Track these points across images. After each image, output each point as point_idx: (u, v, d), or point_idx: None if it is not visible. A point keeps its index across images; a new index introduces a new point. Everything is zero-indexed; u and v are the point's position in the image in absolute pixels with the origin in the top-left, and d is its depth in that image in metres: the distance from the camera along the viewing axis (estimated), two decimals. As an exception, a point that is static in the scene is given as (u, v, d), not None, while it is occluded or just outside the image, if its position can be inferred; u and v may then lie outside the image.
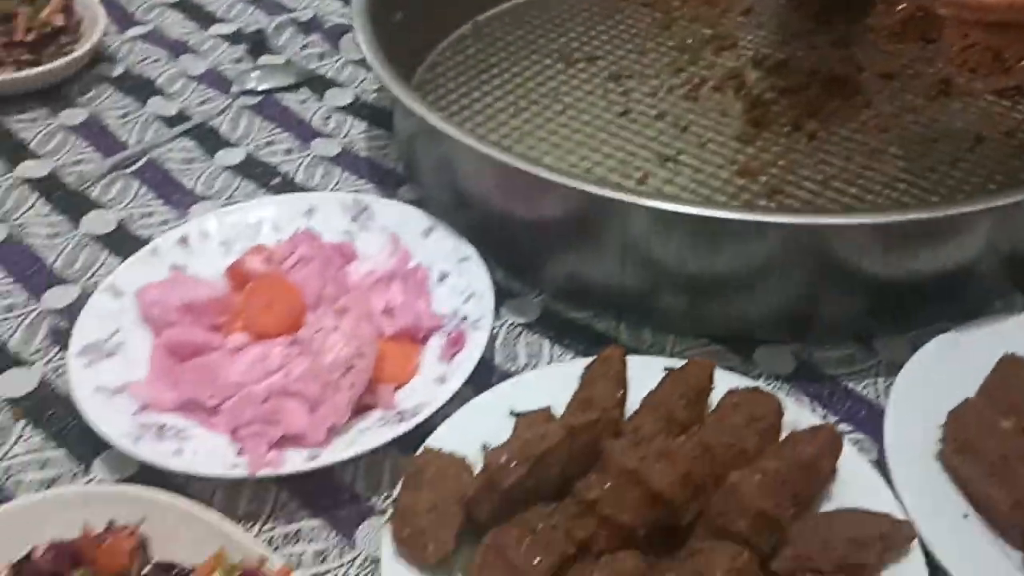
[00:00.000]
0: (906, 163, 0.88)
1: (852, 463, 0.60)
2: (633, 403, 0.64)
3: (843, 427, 0.67)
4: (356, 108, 0.99)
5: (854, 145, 0.90)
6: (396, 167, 0.91)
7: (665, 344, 0.73)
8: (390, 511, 0.57)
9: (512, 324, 0.75)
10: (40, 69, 0.97)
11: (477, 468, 0.58)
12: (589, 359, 0.66)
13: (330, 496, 0.63)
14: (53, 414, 0.68)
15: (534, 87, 1.00)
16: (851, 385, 0.70)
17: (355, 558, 0.60)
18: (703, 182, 0.86)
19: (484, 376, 0.69)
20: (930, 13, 1.03)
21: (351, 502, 0.63)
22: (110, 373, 0.66)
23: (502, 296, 0.77)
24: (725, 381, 0.65)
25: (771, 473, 0.54)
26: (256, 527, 0.61)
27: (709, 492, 0.54)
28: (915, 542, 0.55)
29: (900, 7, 1.06)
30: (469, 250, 0.75)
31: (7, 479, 0.64)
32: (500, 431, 0.61)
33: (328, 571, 0.59)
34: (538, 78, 1.01)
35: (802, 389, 0.69)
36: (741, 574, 0.50)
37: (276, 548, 0.60)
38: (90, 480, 0.63)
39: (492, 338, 0.73)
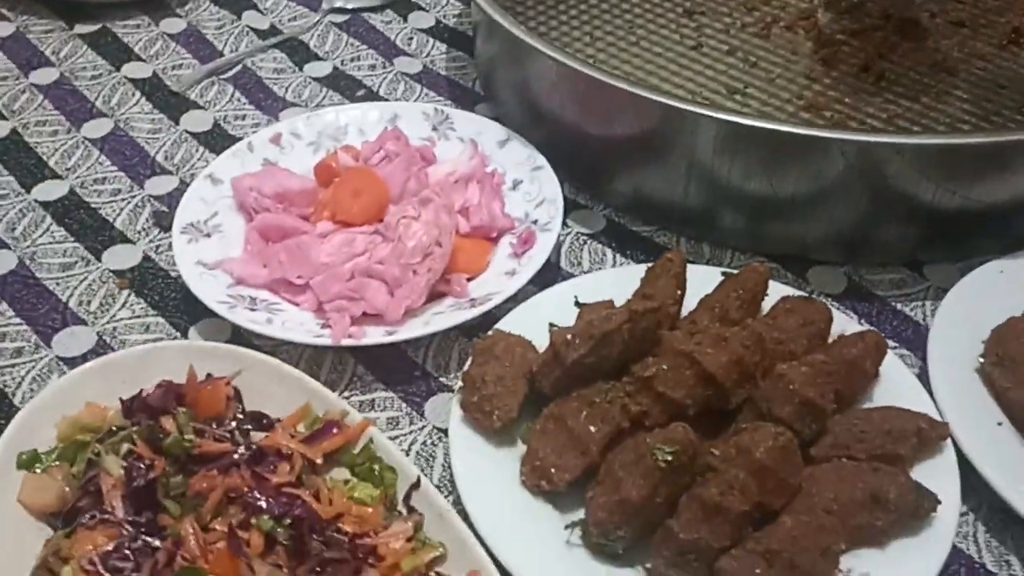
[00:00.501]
0: (971, 106, 0.89)
1: (895, 371, 0.64)
2: (691, 307, 0.68)
3: (889, 343, 0.70)
4: (437, 31, 1.03)
5: (920, 87, 0.92)
6: (473, 86, 0.95)
7: (723, 259, 0.77)
8: (459, 384, 0.62)
9: (577, 233, 0.79)
10: (143, -21, 1.03)
11: (542, 351, 0.63)
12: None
13: (403, 372, 0.68)
14: (154, 286, 0.74)
15: (610, 19, 1.02)
16: (899, 306, 0.73)
17: (424, 427, 0.65)
18: (769, 115, 0.89)
19: (550, 277, 0.74)
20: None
21: (422, 378, 0.68)
22: (208, 250, 0.72)
23: (569, 207, 0.81)
24: (779, 292, 0.68)
25: (817, 366, 0.58)
26: (335, 394, 0.66)
27: (758, 380, 0.58)
28: (948, 441, 0.59)
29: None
30: (541, 160, 0.79)
31: (113, 339, 0.70)
32: (565, 320, 0.65)
33: (399, 436, 0.64)
34: (614, 11, 1.04)
35: (851, 307, 0.73)
36: (783, 452, 0.54)
37: (353, 412, 0.65)
38: (188, 343, 0.70)
39: (558, 245, 0.78)
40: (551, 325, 0.62)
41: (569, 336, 0.58)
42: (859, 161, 0.70)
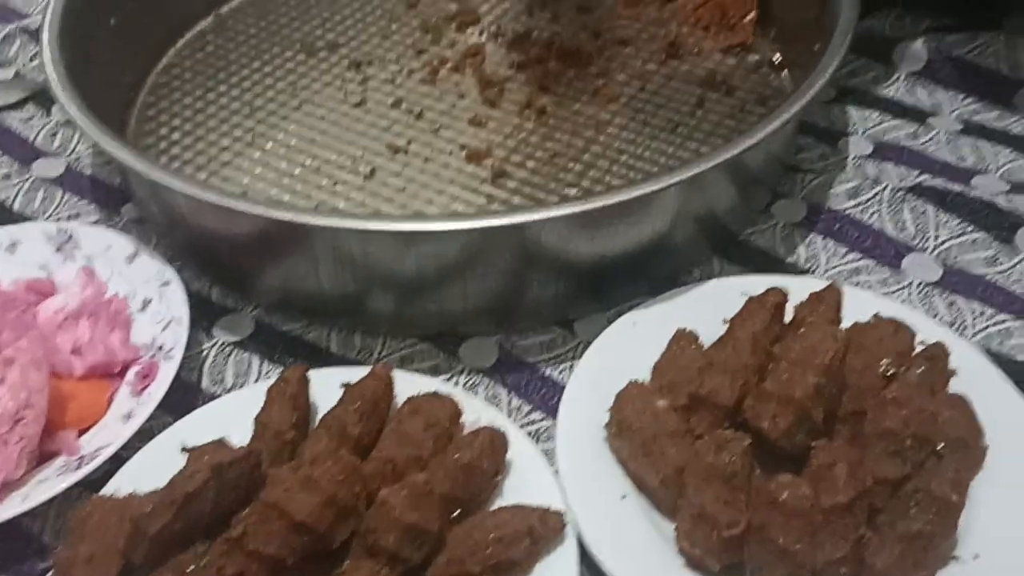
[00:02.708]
0: (630, 133, 0.89)
1: (527, 456, 0.62)
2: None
3: (535, 415, 0.68)
4: (86, 122, 0.96)
5: (581, 119, 0.91)
6: (121, 184, 0.89)
7: (374, 348, 0.74)
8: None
9: (223, 344, 0.74)
10: None
11: (149, 509, 0.58)
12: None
13: (13, 551, 0.62)
14: None
15: (273, 83, 0.98)
16: (548, 371, 0.71)
17: (33, 616, 0.59)
18: (432, 171, 0.86)
19: (190, 403, 0.69)
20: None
21: (36, 555, 0.62)
22: None
23: (217, 314, 0.76)
24: (417, 385, 0.66)
25: (419, 486, 0.55)
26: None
27: (362, 512, 0.55)
28: (568, 532, 0.58)
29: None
30: (171, 274, 0.73)
31: None
32: (178, 467, 0.60)
33: (3, 634, 0.59)
34: (277, 72, 0.99)
35: (501, 381, 0.71)
36: (381, 593, 0.52)
37: (-51, 615, 0.59)
38: None
39: (201, 361, 0.73)
40: (132, 493, 0.57)
41: (149, 507, 0.54)
42: (470, 241, 0.67)
